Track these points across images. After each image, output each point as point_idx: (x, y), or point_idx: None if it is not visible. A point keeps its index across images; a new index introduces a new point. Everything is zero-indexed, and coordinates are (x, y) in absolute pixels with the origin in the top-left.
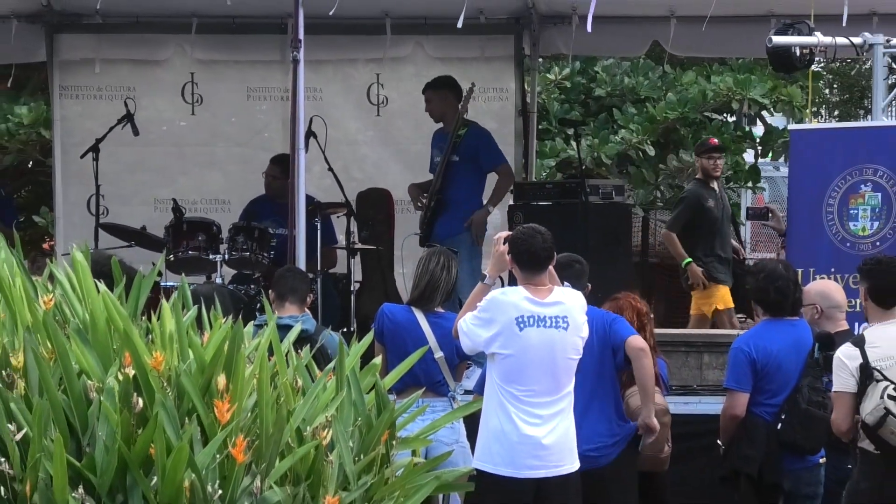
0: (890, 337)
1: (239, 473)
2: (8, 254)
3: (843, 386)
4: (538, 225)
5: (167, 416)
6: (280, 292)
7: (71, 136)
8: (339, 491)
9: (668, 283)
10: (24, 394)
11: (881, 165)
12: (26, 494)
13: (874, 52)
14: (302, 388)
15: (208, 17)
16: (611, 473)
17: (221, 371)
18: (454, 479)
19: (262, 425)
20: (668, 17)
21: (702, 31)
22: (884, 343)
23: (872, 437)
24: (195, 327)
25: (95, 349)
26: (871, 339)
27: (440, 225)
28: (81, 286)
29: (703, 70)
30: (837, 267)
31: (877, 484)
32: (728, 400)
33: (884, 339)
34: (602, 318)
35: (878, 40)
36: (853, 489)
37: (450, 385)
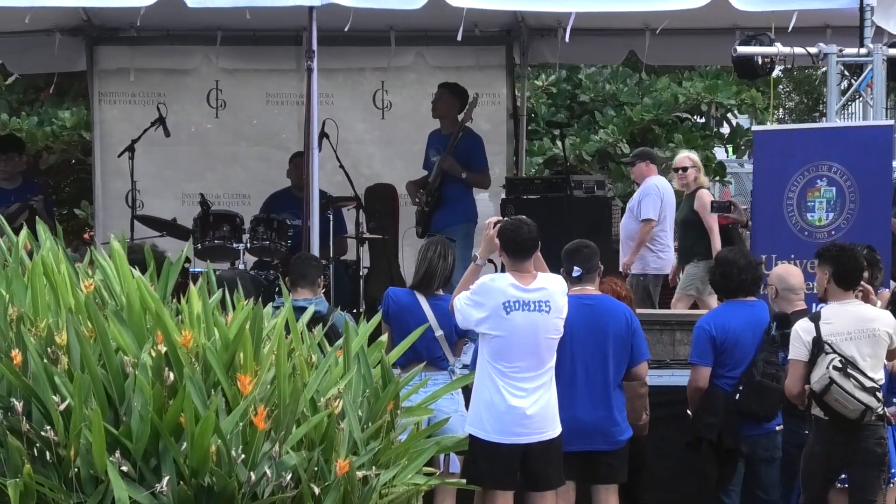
0: (844, 315)
1: (259, 440)
2: (52, 243)
3: (797, 355)
4: (524, 216)
5: (195, 389)
6: (295, 277)
7: (109, 137)
8: (349, 455)
9: None
10: (67, 368)
11: (835, 162)
12: (69, 459)
13: (828, 60)
14: (315, 363)
15: (231, 31)
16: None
17: (244, 348)
18: (453, 444)
19: (279, 396)
20: (644, 30)
21: (673, 41)
22: (837, 320)
23: (820, 404)
24: (220, 309)
25: (131, 329)
26: (827, 316)
27: (437, 218)
28: (118, 272)
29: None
30: (797, 253)
31: (826, 447)
32: (692, 373)
33: (838, 316)
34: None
35: (831, 50)
36: (808, 452)
37: (449, 360)
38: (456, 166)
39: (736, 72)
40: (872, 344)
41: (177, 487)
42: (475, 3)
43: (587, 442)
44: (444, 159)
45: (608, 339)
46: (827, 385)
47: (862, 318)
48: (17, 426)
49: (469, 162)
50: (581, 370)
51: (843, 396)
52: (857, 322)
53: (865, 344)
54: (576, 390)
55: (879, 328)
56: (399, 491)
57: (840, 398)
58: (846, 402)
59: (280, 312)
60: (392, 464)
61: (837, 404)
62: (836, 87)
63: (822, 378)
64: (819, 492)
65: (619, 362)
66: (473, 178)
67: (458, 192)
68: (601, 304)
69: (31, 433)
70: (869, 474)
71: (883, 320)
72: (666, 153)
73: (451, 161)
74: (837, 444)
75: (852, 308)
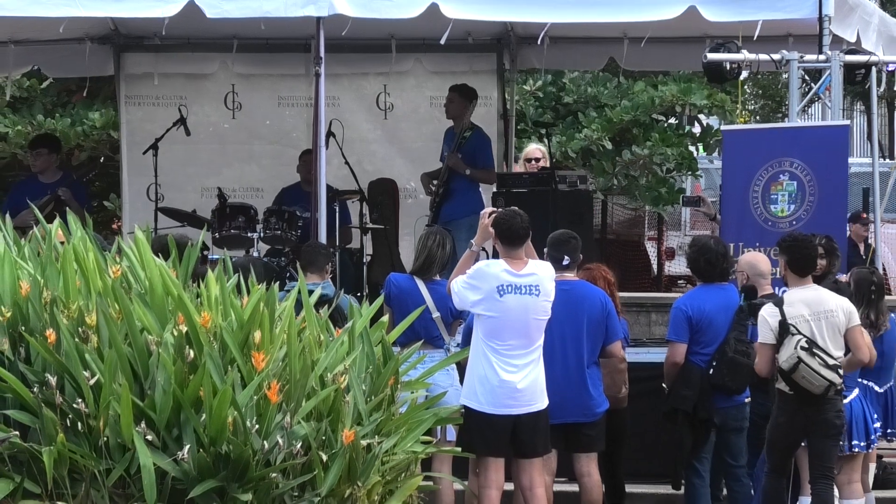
0: (803, 299)
1: (272, 412)
2: (83, 232)
3: (765, 338)
4: (518, 209)
5: (213, 365)
6: (304, 264)
7: (135, 136)
8: (354, 426)
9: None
10: (97, 347)
11: (796, 159)
12: (99, 429)
13: (790, 66)
14: (323, 342)
15: (246, 39)
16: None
17: (257, 328)
18: (449, 415)
19: (291, 372)
20: (622, 38)
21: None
22: (798, 304)
23: (787, 380)
24: (235, 292)
25: (154, 310)
26: (789, 301)
27: (445, 210)
28: (142, 259)
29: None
30: (761, 241)
31: (790, 418)
32: (669, 350)
33: (798, 300)
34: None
35: (793, 56)
36: (773, 424)
37: (445, 339)
38: (460, 163)
39: (706, 76)
40: (830, 325)
41: (196, 455)
42: (466, 15)
43: (566, 414)
44: (450, 156)
45: (584, 320)
46: (795, 364)
47: (819, 302)
48: (51, 399)
49: (476, 159)
50: (559, 348)
51: (810, 374)
52: (815, 305)
53: (824, 325)
54: (555, 367)
55: (836, 311)
56: (399, 458)
57: (807, 375)
58: (812, 378)
59: (290, 295)
60: (393, 433)
61: (804, 381)
62: (797, 91)
63: (791, 357)
64: (782, 460)
65: (594, 341)
66: (477, 175)
67: (463, 186)
68: (578, 289)
69: (63, 405)
70: (828, 444)
71: (839, 303)
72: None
73: (456, 158)
74: (801, 416)
75: (810, 293)
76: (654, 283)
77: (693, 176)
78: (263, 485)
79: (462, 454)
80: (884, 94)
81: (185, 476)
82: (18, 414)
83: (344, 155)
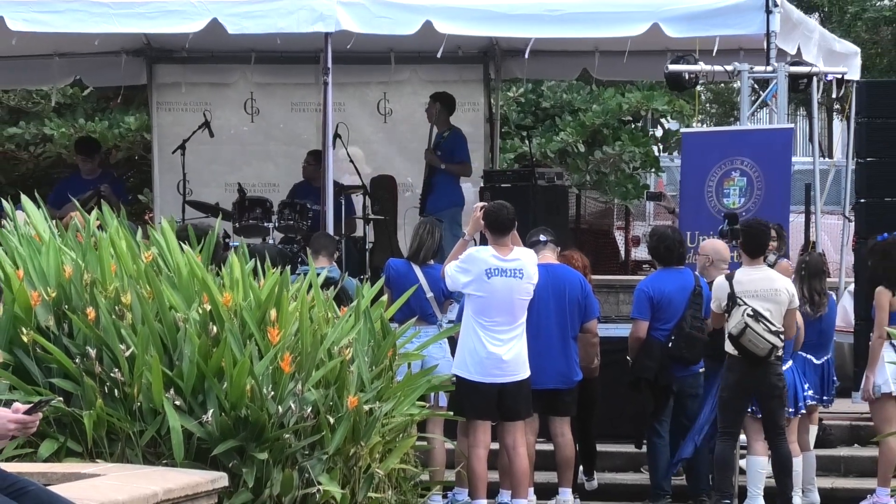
0: (751, 278)
1: (286, 380)
2: (118, 224)
3: (716, 307)
4: (505, 201)
5: (233, 339)
6: (314, 250)
7: (165, 137)
8: (357, 392)
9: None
10: (131, 323)
11: (746, 157)
12: (133, 395)
13: (741, 76)
14: (330, 318)
15: (263, 52)
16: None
17: (273, 306)
18: (441, 382)
19: (302, 345)
20: (594, 52)
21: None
22: (745, 281)
23: (735, 344)
24: (253, 275)
25: (181, 291)
26: (738, 278)
27: (429, 203)
28: (170, 246)
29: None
30: (715, 230)
31: (738, 377)
32: (633, 326)
33: (746, 278)
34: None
35: (744, 67)
36: (724, 382)
37: (438, 316)
38: (435, 159)
39: (668, 85)
40: (773, 301)
41: (219, 418)
42: (457, 30)
43: (545, 381)
44: (426, 153)
45: (565, 299)
46: (743, 328)
47: (766, 280)
48: (91, 369)
49: (453, 154)
50: (543, 324)
51: (756, 338)
52: (762, 283)
53: (768, 301)
54: (537, 340)
55: (780, 289)
56: (397, 421)
57: (753, 339)
58: (757, 342)
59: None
60: (391, 399)
61: (750, 344)
62: (747, 98)
63: (739, 323)
64: (734, 418)
65: (573, 319)
66: (452, 168)
67: (443, 181)
68: (560, 272)
69: (102, 374)
70: (774, 404)
71: (783, 283)
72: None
73: (431, 155)
74: (748, 377)
75: (759, 272)
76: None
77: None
78: (278, 444)
79: (453, 418)
80: (823, 101)
81: (209, 436)
82: (62, 382)
83: (349, 154)
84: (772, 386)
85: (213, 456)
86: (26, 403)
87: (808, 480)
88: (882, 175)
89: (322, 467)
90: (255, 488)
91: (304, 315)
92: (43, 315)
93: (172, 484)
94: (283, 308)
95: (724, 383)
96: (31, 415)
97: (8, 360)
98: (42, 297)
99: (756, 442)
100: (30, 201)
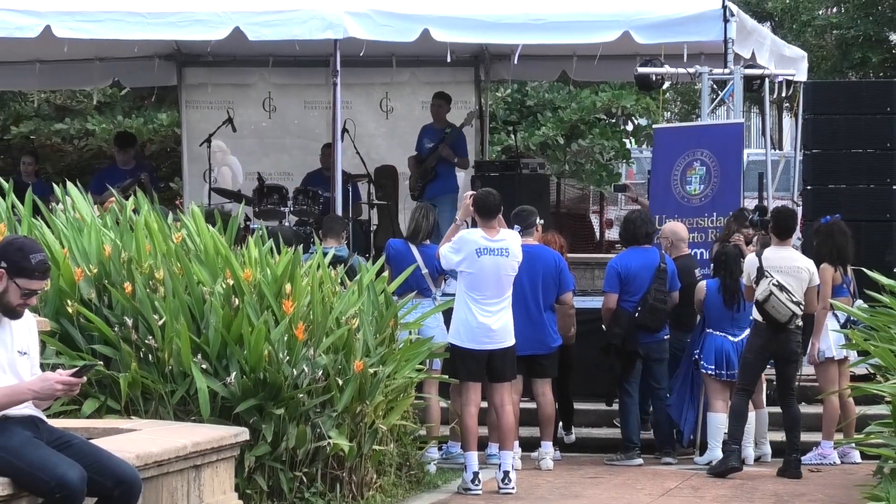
0: (778, 255)
1: (299, 346)
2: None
3: (747, 281)
4: (491, 188)
5: (252, 310)
6: (325, 231)
7: (193, 132)
8: (363, 357)
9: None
10: (163, 296)
11: (705, 149)
12: (165, 359)
13: (702, 78)
14: (337, 292)
15: (280, 56)
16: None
17: (288, 281)
18: (436, 349)
19: (313, 316)
20: (572, 56)
21: (592, 64)
22: (773, 258)
23: (761, 310)
24: (270, 253)
25: (207, 267)
26: (766, 255)
27: (431, 188)
28: (198, 228)
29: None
30: (679, 213)
31: (763, 342)
32: (605, 299)
33: (774, 255)
34: (556, 260)
35: (704, 70)
36: (748, 346)
37: (433, 291)
38: (451, 154)
39: (637, 85)
40: (795, 277)
41: (240, 380)
42: (451, 38)
43: (528, 347)
44: (443, 148)
45: (541, 275)
46: (768, 296)
47: (791, 258)
48: (128, 336)
49: (457, 150)
50: (523, 297)
51: (779, 304)
52: (787, 261)
53: (791, 276)
54: (520, 312)
55: (802, 267)
56: (398, 382)
57: (776, 306)
58: (780, 308)
59: (314, 256)
60: (393, 363)
61: (773, 311)
62: (707, 97)
63: (765, 291)
64: (752, 378)
65: (549, 292)
66: (461, 162)
67: (445, 171)
68: (537, 251)
69: (138, 341)
70: (791, 368)
71: (806, 263)
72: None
73: (448, 150)
74: (772, 342)
75: (785, 252)
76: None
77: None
78: (293, 403)
79: (447, 380)
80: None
81: (232, 396)
82: (102, 348)
83: (356, 146)
84: (791, 352)
85: (235, 413)
86: (71, 368)
87: (760, 434)
88: (826, 165)
89: (332, 423)
90: (272, 442)
91: (315, 289)
92: (85, 289)
93: (200, 438)
94: (297, 282)
95: (748, 346)
96: (76, 378)
97: (55, 329)
98: (85, 272)
99: (716, 401)
100: (74, 188)
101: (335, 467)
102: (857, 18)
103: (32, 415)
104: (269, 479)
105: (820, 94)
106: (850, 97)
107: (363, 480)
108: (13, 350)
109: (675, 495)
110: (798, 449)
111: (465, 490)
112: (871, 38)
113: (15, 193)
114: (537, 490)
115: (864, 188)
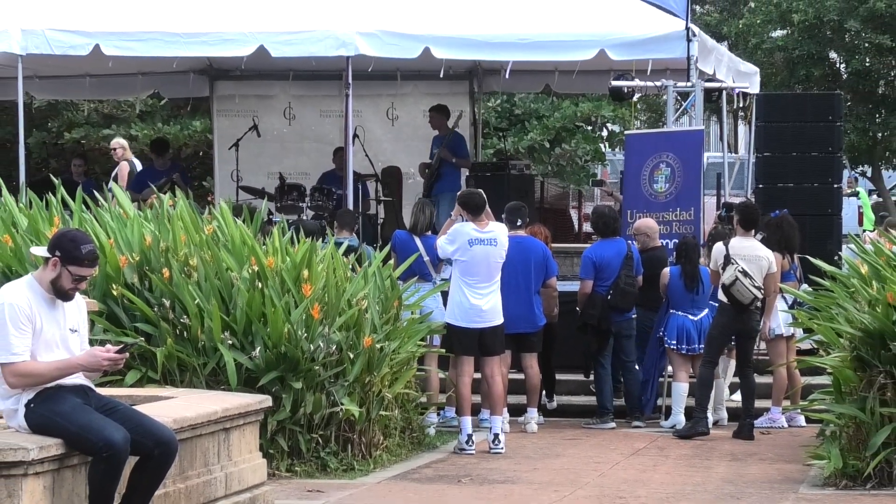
0: (742, 245)
1: (315, 325)
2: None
3: (713, 266)
4: (474, 188)
5: (275, 293)
6: (339, 224)
7: (223, 137)
8: (371, 334)
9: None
10: (197, 280)
11: (670, 153)
12: (197, 336)
13: (668, 90)
14: (349, 277)
15: (299, 71)
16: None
17: (305, 267)
18: (436, 327)
19: (328, 298)
20: (554, 71)
21: (572, 78)
22: (738, 247)
23: (727, 293)
24: (290, 242)
25: (235, 256)
26: (732, 244)
27: (437, 186)
28: (227, 221)
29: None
30: (648, 209)
31: (727, 320)
32: (581, 284)
33: (739, 245)
34: (543, 250)
35: (670, 83)
36: (714, 324)
37: (432, 275)
38: (448, 155)
39: (611, 97)
40: (756, 265)
41: (264, 354)
42: (449, 55)
43: (517, 326)
44: (441, 150)
45: (530, 262)
46: (734, 280)
47: (753, 248)
48: (166, 316)
49: (457, 152)
50: (514, 282)
51: (743, 288)
52: (750, 250)
53: (752, 264)
54: (510, 295)
55: (762, 256)
56: (402, 356)
57: (741, 289)
58: (744, 292)
59: (328, 246)
60: (397, 339)
61: (738, 294)
62: (672, 107)
63: (731, 276)
64: (716, 351)
65: (537, 277)
66: (460, 162)
67: (449, 171)
68: (527, 241)
69: (174, 320)
70: (749, 344)
71: (766, 253)
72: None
73: (446, 152)
74: (735, 321)
75: (748, 242)
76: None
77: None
78: (310, 374)
79: (444, 354)
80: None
81: (257, 368)
82: (144, 326)
83: (365, 150)
84: (751, 329)
85: (259, 384)
86: (117, 344)
87: (718, 401)
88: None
89: (344, 392)
90: (292, 408)
91: (329, 274)
92: (129, 274)
93: (229, 404)
94: (314, 269)
95: (714, 324)
96: (119, 355)
97: (102, 309)
98: (128, 260)
99: (680, 371)
100: (118, 187)
101: (347, 430)
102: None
103: (82, 384)
104: (289, 441)
105: (770, 105)
106: (796, 107)
107: (371, 441)
108: (65, 328)
109: (643, 454)
110: (752, 414)
111: (460, 450)
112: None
113: (67, 192)
114: (523, 450)
115: (809, 187)
